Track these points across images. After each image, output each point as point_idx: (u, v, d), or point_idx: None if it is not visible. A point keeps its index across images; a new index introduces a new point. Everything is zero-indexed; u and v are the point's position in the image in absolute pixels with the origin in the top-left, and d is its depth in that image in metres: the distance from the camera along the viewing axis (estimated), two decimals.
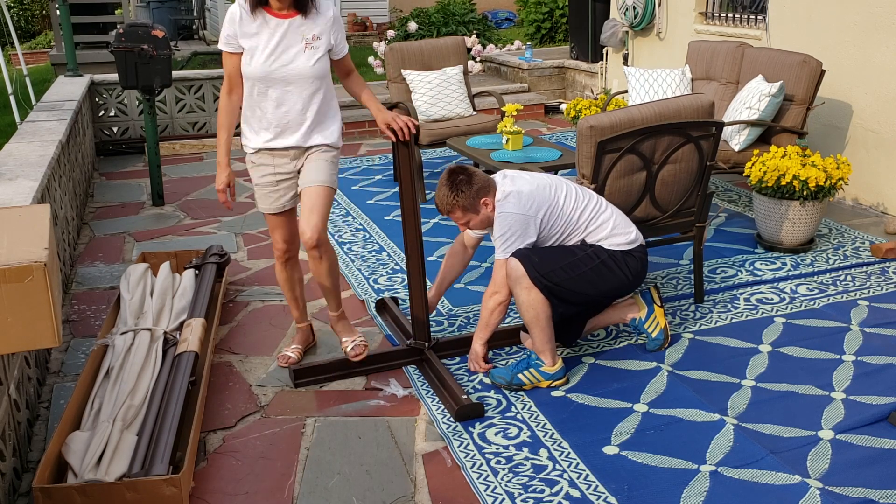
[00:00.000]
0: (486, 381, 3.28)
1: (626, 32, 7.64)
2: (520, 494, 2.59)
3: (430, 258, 4.55)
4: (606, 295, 3.34)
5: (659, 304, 3.48)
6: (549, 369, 3.19)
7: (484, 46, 9.12)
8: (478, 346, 3.33)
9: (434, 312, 3.59)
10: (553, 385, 3.22)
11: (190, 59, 11.40)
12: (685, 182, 3.72)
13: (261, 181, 3.30)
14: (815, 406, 3.04)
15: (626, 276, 3.25)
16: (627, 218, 3.37)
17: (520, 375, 3.18)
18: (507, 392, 3.20)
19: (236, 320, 3.92)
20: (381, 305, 3.93)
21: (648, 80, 5.69)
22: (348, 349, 3.37)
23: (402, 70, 6.08)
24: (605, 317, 3.48)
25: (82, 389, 3.08)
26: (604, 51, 8.16)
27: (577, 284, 3.17)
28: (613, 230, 3.25)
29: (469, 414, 3.01)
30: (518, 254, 3.13)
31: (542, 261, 3.12)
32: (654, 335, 3.45)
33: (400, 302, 3.97)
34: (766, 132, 4.99)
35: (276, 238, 3.36)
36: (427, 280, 3.43)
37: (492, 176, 3.29)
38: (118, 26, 5.42)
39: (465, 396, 3.04)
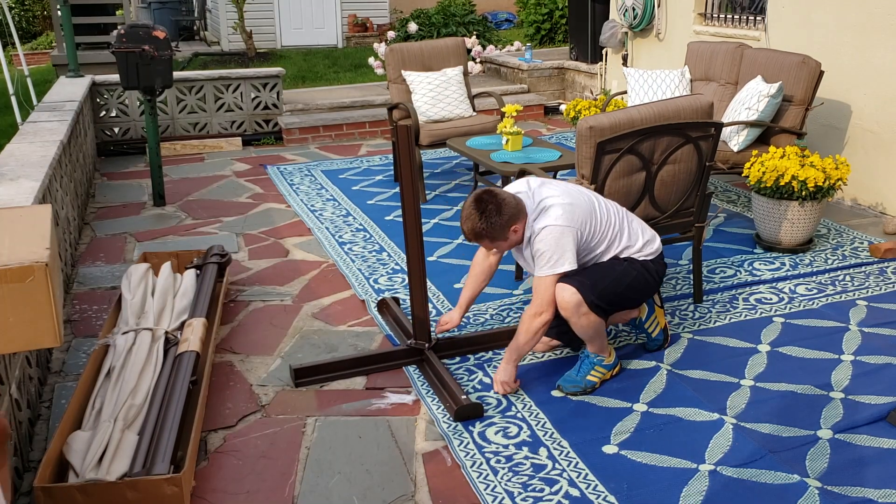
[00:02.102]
0: (486, 380, 3.29)
1: (626, 33, 7.65)
2: (519, 493, 2.60)
3: (430, 258, 4.56)
4: (640, 301, 3.35)
5: (659, 304, 3.49)
6: (610, 361, 3.24)
7: (484, 47, 9.12)
8: (511, 369, 3.16)
9: (460, 322, 3.51)
10: (615, 373, 3.28)
11: (191, 59, 11.41)
12: (684, 182, 3.72)
13: None
14: (813, 406, 3.05)
15: (655, 280, 3.28)
16: (646, 224, 3.36)
17: (589, 377, 3.19)
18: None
19: (237, 320, 3.93)
20: (383, 305, 3.94)
21: (648, 80, 5.70)
22: None
23: (403, 71, 6.09)
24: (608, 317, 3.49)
25: (83, 389, 3.09)
26: (603, 52, 8.17)
27: (622, 299, 3.19)
28: (643, 242, 3.23)
29: (468, 414, 3.01)
30: (569, 280, 3.05)
31: (594, 283, 3.08)
32: (654, 335, 3.46)
33: (401, 302, 3.98)
34: (765, 133, 5.00)
35: None
36: (427, 280, 3.44)
37: (517, 187, 3.18)
38: (119, 27, 5.43)
39: (464, 397, 3.05)
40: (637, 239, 3.23)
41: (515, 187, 3.19)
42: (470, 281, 3.48)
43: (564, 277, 3.07)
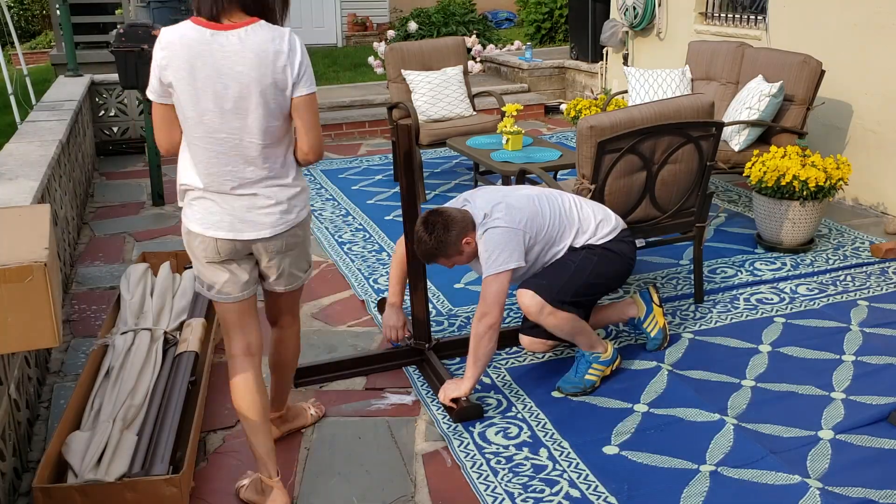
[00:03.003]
0: (486, 380, 3.28)
1: (626, 32, 7.64)
2: (520, 494, 2.59)
3: None
4: (614, 283, 3.31)
5: (657, 303, 3.48)
6: (607, 356, 3.22)
7: (484, 46, 9.11)
8: (467, 387, 3.00)
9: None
10: (614, 368, 3.27)
11: None
12: (685, 182, 3.72)
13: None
14: (814, 406, 3.04)
15: (624, 261, 3.23)
16: (604, 206, 3.33)
17: (587, 377, 3.18)
18: (506, 392, 3.20)
19: None
20: (383, 304, 3.92)
21: (648, 80, 5.69)
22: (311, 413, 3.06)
23: (403, 70, 6.08)
24: (605, 316, 3.48)
25: (82, 389, 3.08)
26: (604, 51, 8.16)
27: (589, 288, 3.16)
28: (597, 226, 3.20)
29: (468, 415, 3.00)
30: (526, 285, 3.07)
31: (551, 282, 3.07)
32: (652, 334, 3.45)
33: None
34: (766, 132, 4.99)
35: (231, 336, 2.57)
36: (428, 281, 3.43)
37: (457, 203, 3.19)
38: (118, 26, 5.42)
39: (463, 398, 3.04)
40: (589, 223, 3.19)
41: (456, 203, 3.20)
42: (395, 267, 3.51)
43: (523, 283, 3.08)
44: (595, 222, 3.20)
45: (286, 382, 2.84)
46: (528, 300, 3.04)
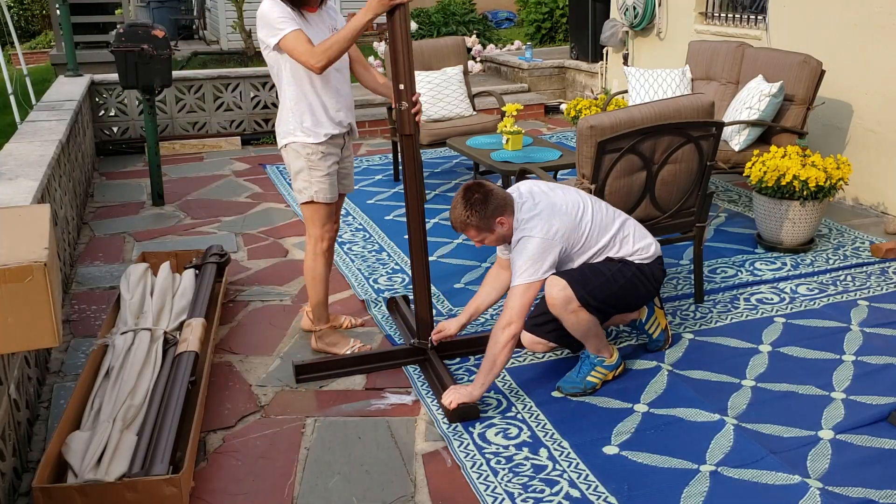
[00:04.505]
0: None
1: (627, 32, 7.64)
2: (520, 494, 2.59)
3: (430, 258, 4.53)
4: (637, 304, 3.31)
5: (659, 305, 3.48)
6: (612, 361, 3.22)
7: (484, 46, 9.12)
8: (478, 394, 3.01)
9: (457, 333, 3.49)
10: (618, 373, 3.26)
11: (190, 59, 11.40)
12: (685, 182, 3.71)
13: (330, 170, 3.36)
14: (815, 406, 3.04)
15: (653, 284, 3.24)
16: (644, 229, 3.30)
17: (589, 378, 3.17)
18: (506, 392, 3.20)
19: (236, 320, 3.92)
20: (392, 304, 3.92)
21: (648, 80, 5.69)
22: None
23: None
24: (609, 319, 3.47)
25: (82, 389, 3.08)
26: (604, 51, 8.16)
27: (615, 300, 3.15)
28: (638, 246, 3.19)
29: (464, 416, 2.99)
30: (560, 275, 3.04)
31: (585, 280, 3.05)
32: (654, 336, 3.45)
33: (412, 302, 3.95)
34: (766, 132, 4.99)
35: (327, 227, 3.44)
36: (430, 282, 3.43)
37: (510, 190, 3.17)
38: (118, 26, 5.42)
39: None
40: (629, 243, 3.18)
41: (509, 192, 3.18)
42: (480, 292, 3.45)
43: (556, 273, 3.05)
44: (636, 245, 3.19)
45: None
46: (558, 291, 3.00)
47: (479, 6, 12.86)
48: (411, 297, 4.00)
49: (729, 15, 6.49)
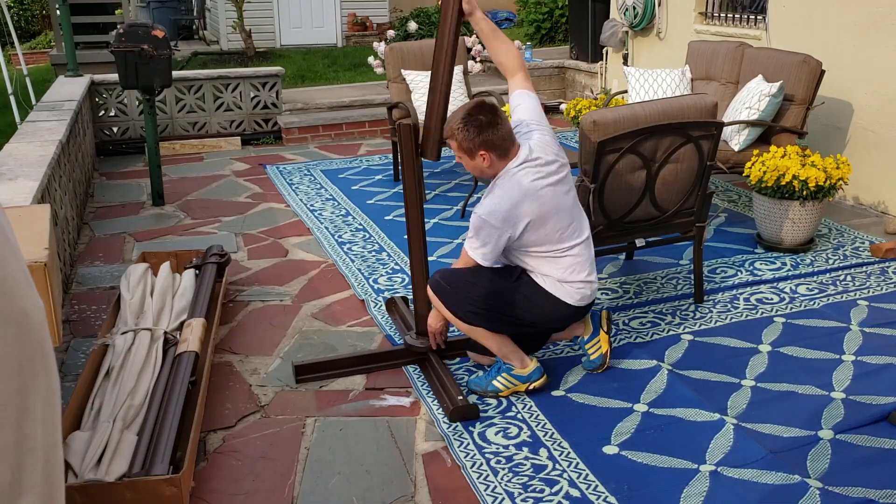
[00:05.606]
0: None
1: (626, 32, 7.64)
2: (520, 494, 2.59)
3: (430, 258, 4.53)
4: (514, 328, 3.13)
5: (605, 330, 3.28)
6: (522, 372, 3.13)
7: (484, 46, 9.11)
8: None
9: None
10: (532, 387, 3.13)
11: (190, 59, 11.39)
12: (685, 182, 3.71)
13: None
14: (814, 406, 3.04)
15: (554, 317, 3.12)
16: (591, 268, 3.11)
17: (494, 382, 3.15)
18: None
19: (236, 320, 3.92)
20: (391, 304, 3.92)
21: (648, 80, 5.69)
22: None
23: (402, 70, 6.08)
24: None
25: (82, 389, 3.08)
26: (604, 51, 8.16)
27: (512, 310, 3.06)
28: (565, 275, 3.03)
29: (464, 415, 3.00)
30: (439, 275, 3.11)
31: (455, 291, 3.07)
32: (591, 357, 3.29)
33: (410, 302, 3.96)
34: (766, 132, 4.99)
35: None
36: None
37: (530, 132, 3.03)
38: (118, 26, 5.41)
39: (460, 398, 3.03)
40: (560, 267, 3.03)
41: (527, 129, 3.07)
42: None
43: (439, 274, 3.13)
44: (563, 272, 3.03)
45: None
46: (429, 294, 3.15)
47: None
48: (410, 298, 4.01)
49: (729, 15, 6.49)
